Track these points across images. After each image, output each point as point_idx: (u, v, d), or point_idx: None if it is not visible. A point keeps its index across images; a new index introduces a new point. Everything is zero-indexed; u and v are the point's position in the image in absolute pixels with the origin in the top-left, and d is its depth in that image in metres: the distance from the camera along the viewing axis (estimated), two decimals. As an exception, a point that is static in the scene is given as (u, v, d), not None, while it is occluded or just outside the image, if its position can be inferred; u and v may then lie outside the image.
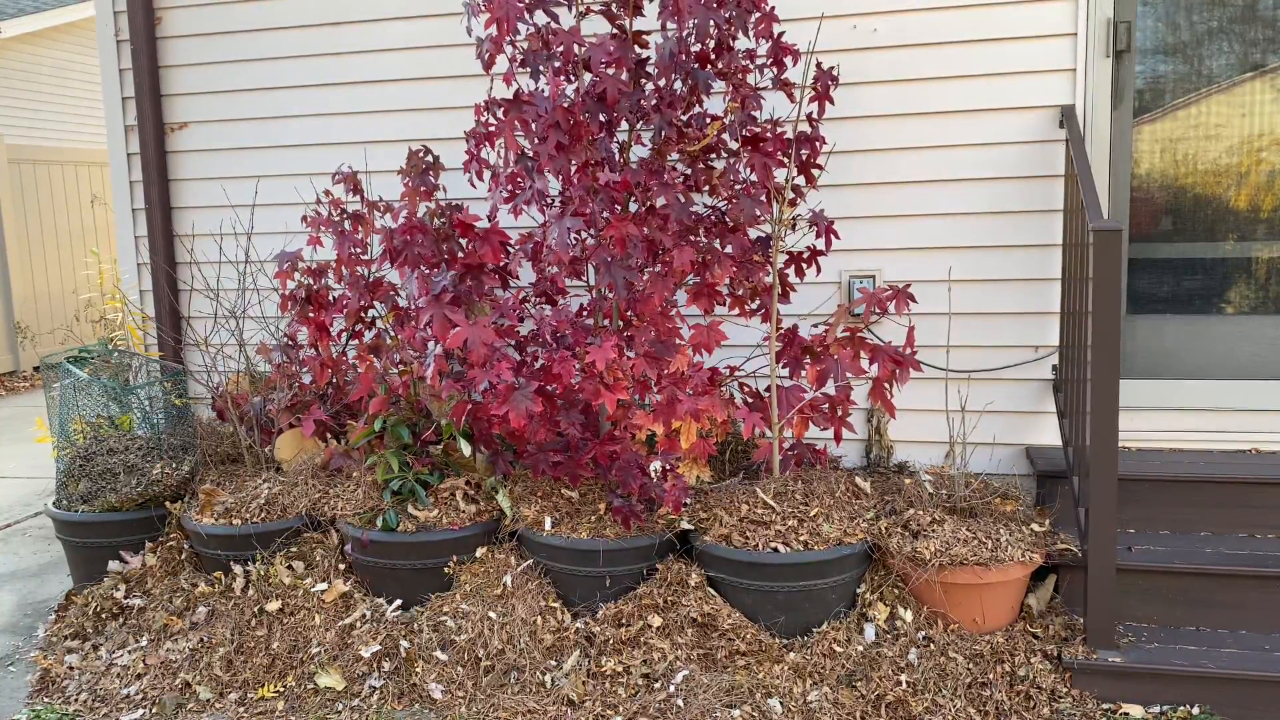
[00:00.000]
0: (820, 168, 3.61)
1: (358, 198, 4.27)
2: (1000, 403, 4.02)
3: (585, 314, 3.55)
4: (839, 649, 3.24)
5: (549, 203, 3.45)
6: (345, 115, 4.54)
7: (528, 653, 3.33)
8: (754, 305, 3.66)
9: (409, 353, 3.81)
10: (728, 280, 3.61)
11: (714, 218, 3.53)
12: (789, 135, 3.52)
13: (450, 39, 4.36)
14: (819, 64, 3.58)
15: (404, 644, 3.41)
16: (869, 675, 3.15)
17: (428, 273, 3.53)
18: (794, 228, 3.71)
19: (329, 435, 4.13)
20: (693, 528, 3.50)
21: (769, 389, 3.61)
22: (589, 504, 3.64)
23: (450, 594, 3.53)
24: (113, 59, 4.72)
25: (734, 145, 3.58)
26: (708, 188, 3.54)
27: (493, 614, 3.40)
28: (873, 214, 4.05)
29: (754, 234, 3.87)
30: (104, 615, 3.76)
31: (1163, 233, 3.99)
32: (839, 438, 3.58)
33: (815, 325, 4.14)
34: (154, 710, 3.33)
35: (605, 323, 3.61)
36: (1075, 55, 3.81)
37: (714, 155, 3.58)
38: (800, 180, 3.67)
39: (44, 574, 4.46)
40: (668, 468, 3.45)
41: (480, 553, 3.58)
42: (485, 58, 3.35)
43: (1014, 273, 3.96)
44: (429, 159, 3.76)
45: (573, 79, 3.40)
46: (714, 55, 3.44)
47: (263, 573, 3.65)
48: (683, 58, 3.27)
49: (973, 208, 3.96)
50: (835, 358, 3.47)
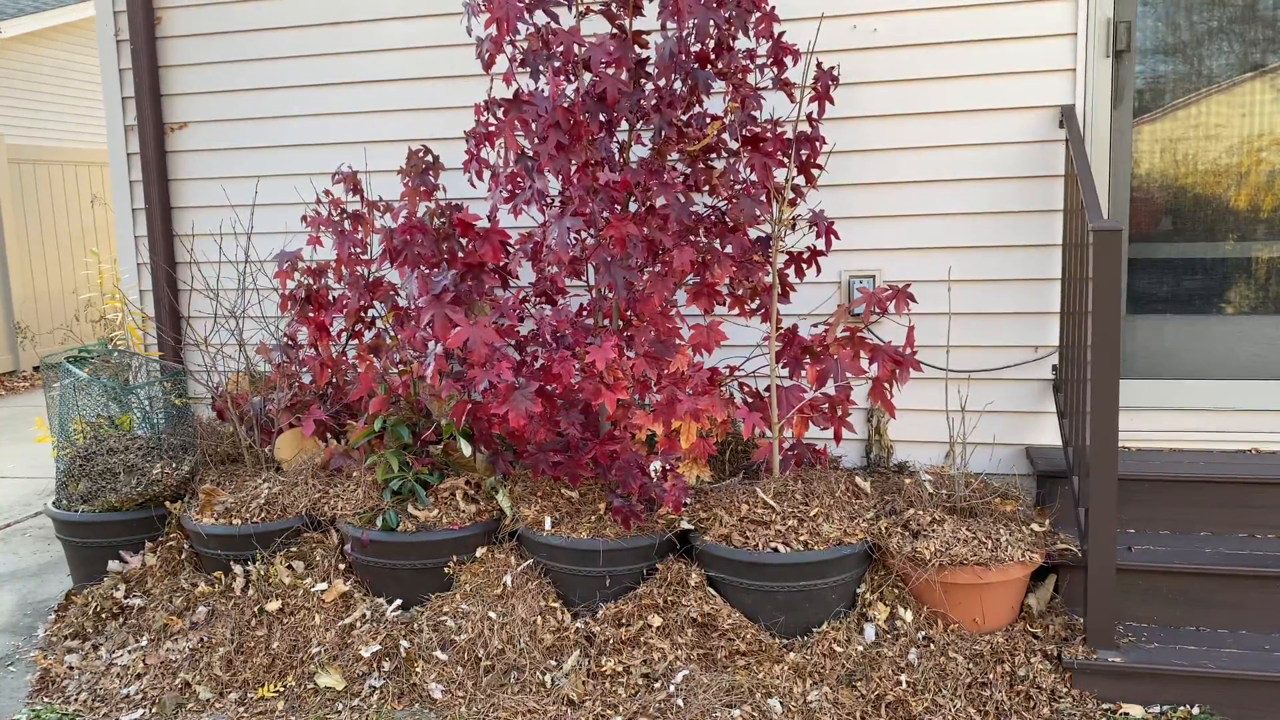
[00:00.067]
0: (820, 168, 3.61)
1: (357, 197, 4.27)
2: (1000, 403, 4.02)
3: (585, 314, 3.55)
4: (839, 649, 3.24)
5: (549, 202, 3.45)
6: (345, 115, 4.54)
7: (528, 652, 3.33)
8: (754, 305, 3.66)
9: (409, 352, 3.81)
10: (728, 280, 3.61)
11: (714, 218, 3.53)
12: (789, 135, 3.52)
13: (450, 39, 4.36)
14: (819, 64, 3.58)
15: (404, 644, 3.41)
16: (869, 675, 3.15)
17: (428, 272, 3.53)
18: (794, 228, 3.71)
19: (329, 435, 4.13)
20: (693, 528, 3.50)
21: (769, 389, 3.61)
22: (589, 504, 3.64)
23: (450, 594, 3.53)
24: (113, 59, 4.72)
25: (734, 145, 3.58)
26: (708, 188, 3.54)
27: (493, 614, 3.40)
28: (872, 214, 4.05)
29: (754, 234, 3.87)
30: (104, 615, 3.76)
31: (1163, 233, 3.99)
32: (839, 438, 3.58)
33: (815, 325, 4.14)
34: (154, 710, 3.33)
35: (605, 323, 3.61)
36: (1075, 55, 3.81)
37: (714, 155, 3.58)
38: (800, 180, 3.67)
39: (44, 574, 4.46)
40: (668, 468, 3.45)
41: (480, 553, 3.58)
42: (485, 58, 3.35)
43: (1014, 273, 3.96)
44: (429, 159, 3.76)
45: (573, 79, 3.40)
46: (714, 55, 3.44)
47: (263, 572, 3.65)
48: (683, 57, 3.27)
49: (973, 208, 3.96)
50: (835, 358, 3.47)
